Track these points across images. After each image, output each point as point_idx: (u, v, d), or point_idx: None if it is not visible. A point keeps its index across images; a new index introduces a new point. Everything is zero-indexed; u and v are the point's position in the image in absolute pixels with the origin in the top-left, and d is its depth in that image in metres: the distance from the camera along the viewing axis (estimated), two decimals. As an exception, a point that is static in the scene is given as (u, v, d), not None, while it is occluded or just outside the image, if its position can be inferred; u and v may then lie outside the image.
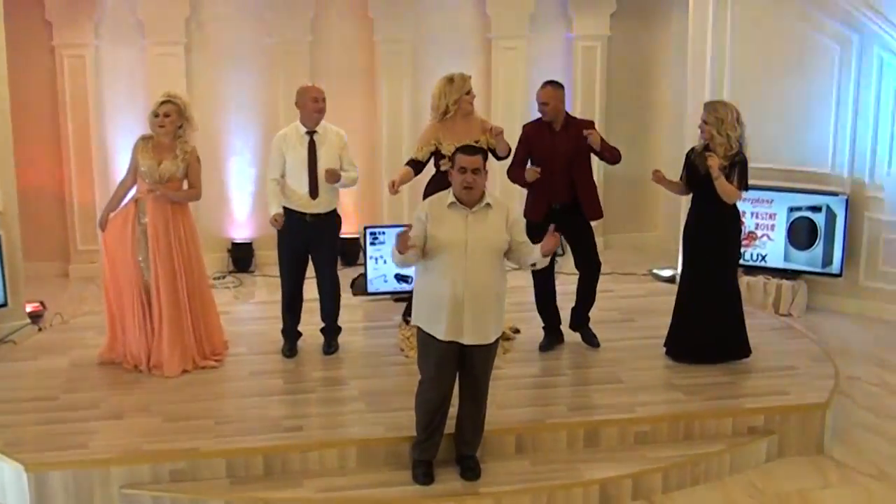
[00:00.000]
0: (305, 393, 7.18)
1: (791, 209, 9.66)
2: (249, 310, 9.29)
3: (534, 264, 6.17)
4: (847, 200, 9.49)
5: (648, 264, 10.67)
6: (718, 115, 7.36)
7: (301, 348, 7.88)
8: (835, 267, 9.58)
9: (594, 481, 6.26)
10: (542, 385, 7.40)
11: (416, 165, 7.75)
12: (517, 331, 8.13)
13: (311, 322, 7.97)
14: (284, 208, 7.57)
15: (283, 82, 10.57)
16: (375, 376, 7.41)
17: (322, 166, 7.48)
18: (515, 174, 7.67)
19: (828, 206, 9.50)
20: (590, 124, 7.70)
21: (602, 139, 7.59)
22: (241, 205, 10.91)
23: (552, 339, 7.94)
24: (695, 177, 7.51)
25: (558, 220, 7.51)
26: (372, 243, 9.18)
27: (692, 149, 7.62)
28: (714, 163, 7.25)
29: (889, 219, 9.42)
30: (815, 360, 7.74)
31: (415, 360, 7.26)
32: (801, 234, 9.63)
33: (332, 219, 7.69)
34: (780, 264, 9.72)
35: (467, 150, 6.06)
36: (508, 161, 7.76)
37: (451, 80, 7.64)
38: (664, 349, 7.77)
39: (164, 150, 7.34)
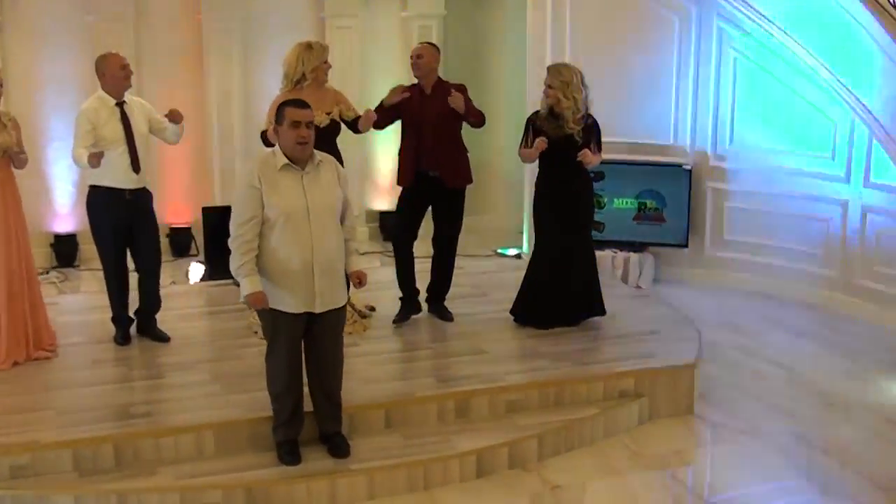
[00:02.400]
0: (153, 379, 6.67)
1: (637, 181, 9.68)
2: (80, 300, 8.71)
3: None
4: (690, 172, 9.54)
5: (490, 245, 10.52)
6: (563, 79, 7.21)
7: (140, 336, 7.34)
8: (680, 238, 9.62)
9: (470, 452, 5.98)
10: (406, 359, 7.10)
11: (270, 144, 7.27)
12: (373, 308, 7.79)
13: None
14: (98, 187, 7.02)
15: (107, 63, 9.99)
16: (227, 359, 6.95)
17: (138, 136, 6.98)
18: (382, 117, 7.40)
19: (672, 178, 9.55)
20: (461, 88, 7.48)
21: (468, 101, 7.40)
22: (64, 195, 10.25)
23: (408, 310, 7.68)
24: (549, 142, 7.33)
25: (431, 189, 7.32)
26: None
27: (535, 113, 7.44)
28: (587, 158, 7.16)
29: (732, 188, 9.53)
30: (677, 323, 7.70)
31: None
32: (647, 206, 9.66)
33: (148, 193, 7.18)
34: (623, 236, 9.75)
35: (297, 103, 5.58)
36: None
37: (309, 46, 7.21)
38: (512, 316, 7.63)
39: None
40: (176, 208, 10.43)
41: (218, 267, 8.70)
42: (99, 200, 7.02)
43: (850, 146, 8.74)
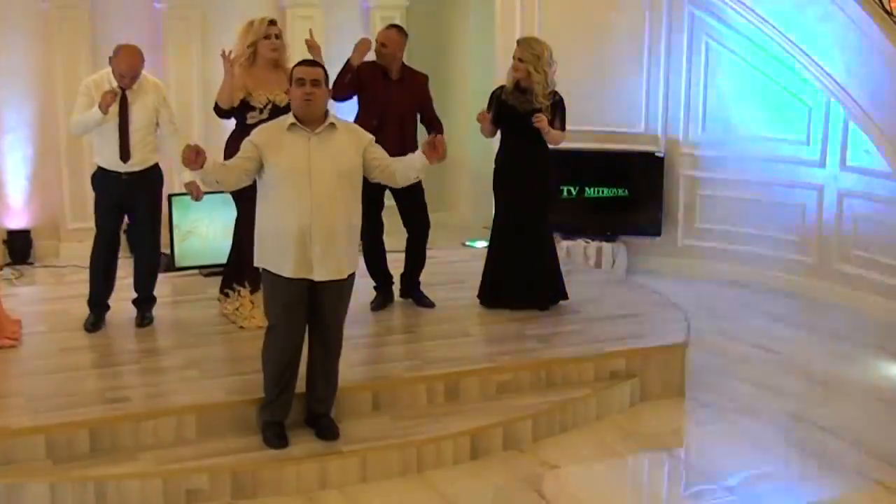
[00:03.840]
0: (126, 364, 6.38)
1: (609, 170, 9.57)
2: (39, 290, 8.42)
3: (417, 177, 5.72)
4: (662, 160, 9.43)
5: (457, 239, 10.32)
6: (535, 52, 7.08)
7: (107, 323, 7.00)
8: (653, 227, 9.49)
9: (464, 433, 5.76)
10: (389, 343, 6.84)
11: (229, 113, 6.91)
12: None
13: (116, 298, 7.13)
14: (99, 166, 6.79)
15: (61, 52, 9.69)
16: (202, 345, 6.64)
17: (135, 126, 6.68)
18: (339, 85, 7.06)
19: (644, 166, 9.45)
20: (424, 79, 7.35)
21: (429, 104, 7.43)
22: (17, 189, 9.86)
23: (385, 297, 7.45)
24: (510, 117, 7.15)
25: None
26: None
27: (500, 88, 7.27)
28: (543, 124, 6.96)
29: (704, 175, 9.43)
30: (661, 306, 7.56)
31: (248, 329, 6.82)
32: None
33: (152, 175, 6.87)
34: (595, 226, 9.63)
35: (305, 62, 5.47)
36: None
37: (250, 23, 6.92)
38: (478, 299, 7.45)
39: None
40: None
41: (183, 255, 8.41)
42: (98, 178, 6.82)
43: (826, 130, 8.67)
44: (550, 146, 7.19)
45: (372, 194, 6.25)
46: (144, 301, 7.06)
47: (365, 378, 6.12)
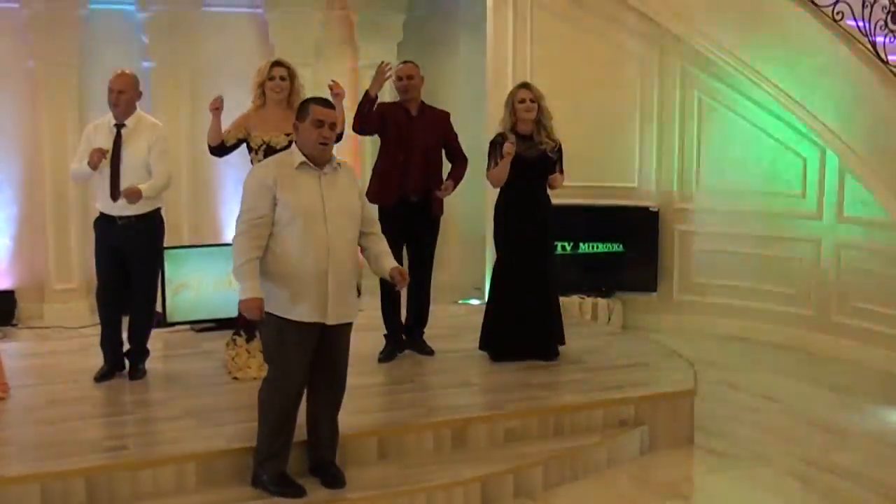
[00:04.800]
0: (122, 415, 6.19)
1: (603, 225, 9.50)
2: (24, 346, 8.26)
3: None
4: (657, 214, 9.37)
5: (450, 298, 10.19)
6: (539, 92, 7.09)
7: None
8: (648, 282, 9.40)
9: (474, 479, 5.57)
10: (392, 392, 6.69)
11: (221, 150, 6.83)
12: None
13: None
14: (99, 211, 6.66)
15: (48, 110, 9.64)
16: (198, 396, 6.44)
17: (126, 166, 6.53)
18: (361, 117, 7.01)
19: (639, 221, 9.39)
20: (446, 115, 7.32)
21: (453, 139, 7.35)
22: (0, 249, 9.70)
23: (394, 348, 7.29)
24: (517, 164, 7.00)
25: (410, 214, 6.99)
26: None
27: (499, 135, 7.11)
28: (558, 182, 7.05)
29: (699, 230, 9.37)
30: (666, 356, 7.44)
31: (242, 380, 6.66)
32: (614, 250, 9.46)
33: (150, 222, 6.68)
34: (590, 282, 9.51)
35: (322, 102, 5.27)
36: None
37: (260, 67, 6.92)
38: (481, 350, 7.29)
39: None
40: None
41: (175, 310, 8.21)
42: (97, 224, 6.70)
43: (822, 182, 8.64)
44: (552, 191, 7.13)
45: (394, 241, 5.99)
46: (137, 353, 6.86)
47: (370, 425, 5.93)
